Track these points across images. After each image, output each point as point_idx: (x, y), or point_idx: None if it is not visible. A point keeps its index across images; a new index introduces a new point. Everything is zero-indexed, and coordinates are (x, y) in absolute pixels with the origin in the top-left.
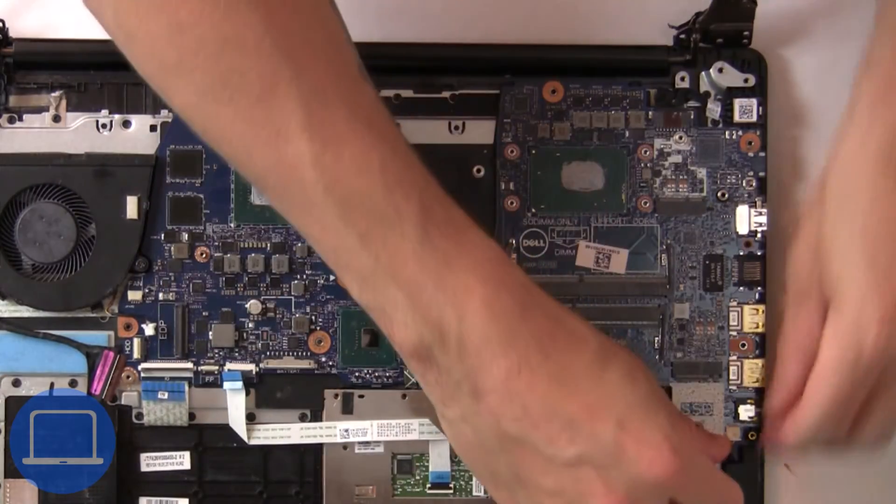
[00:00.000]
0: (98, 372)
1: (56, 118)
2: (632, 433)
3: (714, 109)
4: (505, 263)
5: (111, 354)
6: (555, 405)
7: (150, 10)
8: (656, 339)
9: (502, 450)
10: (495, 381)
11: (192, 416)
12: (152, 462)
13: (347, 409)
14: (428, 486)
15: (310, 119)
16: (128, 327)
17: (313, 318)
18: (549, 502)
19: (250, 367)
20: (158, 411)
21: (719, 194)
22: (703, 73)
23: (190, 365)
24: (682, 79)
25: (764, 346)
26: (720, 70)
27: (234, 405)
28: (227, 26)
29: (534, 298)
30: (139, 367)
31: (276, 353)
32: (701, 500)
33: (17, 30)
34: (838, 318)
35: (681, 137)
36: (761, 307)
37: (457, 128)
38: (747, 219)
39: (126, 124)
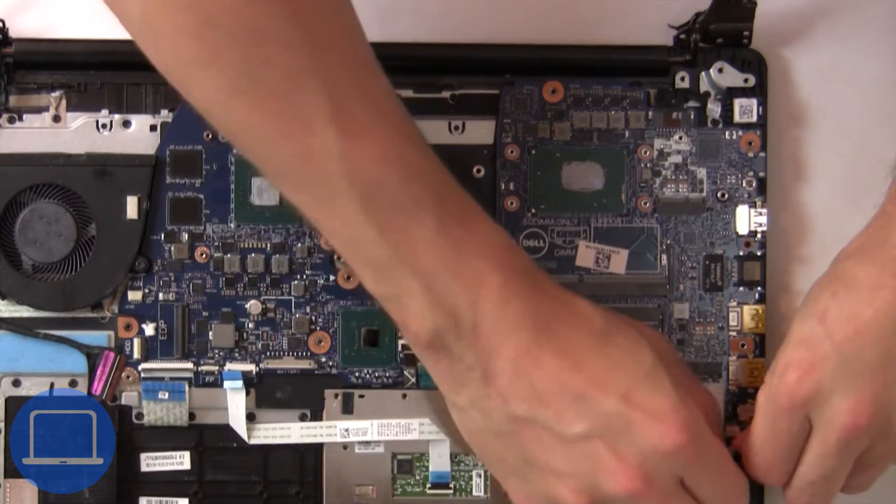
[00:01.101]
0: (98, 372)
1: (56, 118)
2: (638, 405)
3: (714, 109)
4: (513, 249)
5: (111, 354)
6: (562, 381)
7: (179, 6)
8: None
9: (512, 433)
10: (505, 363)
11: (192, 416)
12: (152, 462)
13: (347, 409)
14: (428, 486)
15: (335, 112)
16: (128, 327)
17: (313, 318)
18: (561, 484)
19: (250, 367)
20: (158, 411)
21: (719, 194)
22: (703, 73)
23: (190, 365)
24: (682, 79)
25: (764, 346)
26: (720, 70)
27: (235, 404)
28: (256, 19)
29: (540, 282)
30: (139, 367)
31: (276, 354)
32: (709, 479)
33: (17, 30)
34: (773, 362)
35: (681, 137)
36: (761, 307)
37: (457, 128)
38: (747, 219)
39: (126, 124)
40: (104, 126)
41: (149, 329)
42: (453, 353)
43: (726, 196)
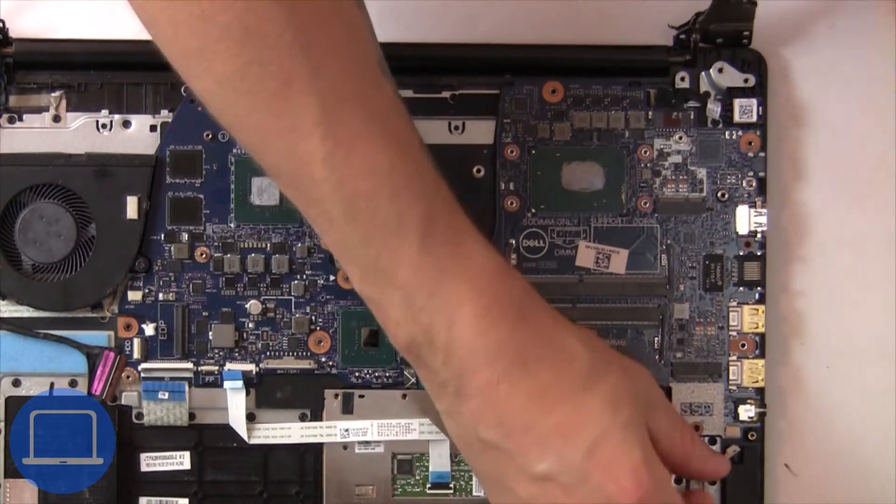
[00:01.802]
0: (98, 372)
1: (56, 118)
2: (600, 461)
3: (714, 109)
4: (503, 277)
5: (111, 354)
6: (529, 420)
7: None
8: (656, 339)
9: (481, 450)
10: (476, 389)
11: (192, 416)
12: (152, 462)
13: (347, 409)
14: (428, 486)
15: (324, 117)
16: (128, 327)
17: (313, 318)
18: None
19: (250, 367)
20: (158, 411)
21: (719, 194)
22: (703, 73)
23: (190, 365)
24: (682, 79)
25: (764, 346)
26: (720, 70)
27: (235, 404)
28: (249, 17)
29: (527, 314)
30: (139, 367)
31: (276, 354)
32: None
33: (17, 30)
34: None
35: (681, 137)
36: (761, 307)
37: (457, 128)
38: (747, 219)
39: (126, 124)
40: (104, 126)
41: (149, 329)
42: (428, 366)
43: (726, 196)
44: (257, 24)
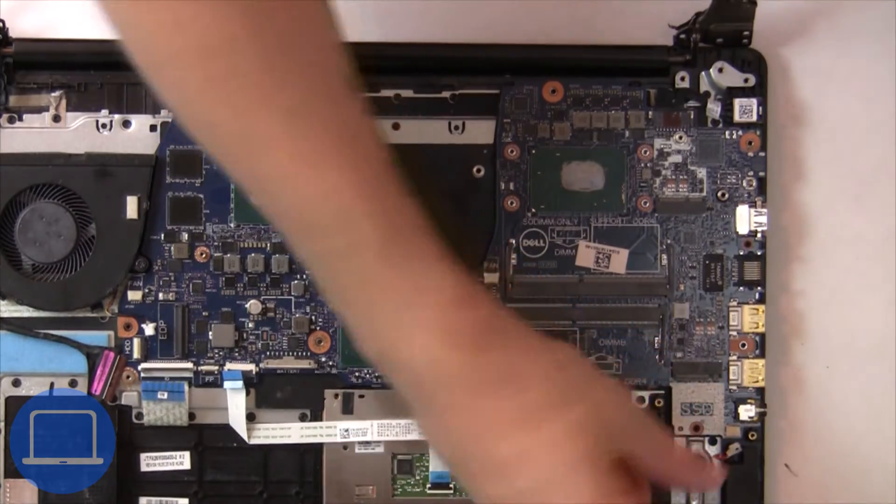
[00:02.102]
0: (98, 372)
1: (56, 118)
2: (548, 494)
3: (714, 109)
4: (464, 304)
5: (111, 354)
6: (482, 448)
7: (141, 6)
8: (656, 339)
9: (448, 464)
10: (434, 411)
11: (192, 416)
12: (152, 462)
13: (347, 409)
14: (428, 486)
15: (286, 135)
16: (128, 327)
17: (313, 318)
18: None
19: (250, 367)
20: (158, 411)
21: (719, 194)
22: (703, 73)
23: (190, 365)
24: (682, 79)
25: (764, 346)
26: (720, 70)
27: (235, 404)
28: (216, 30)
29: (488, 342)
30: (139, 367)
31: (276, 353)
32: None
33: (17, 30)
34: None
35: (681, 137)
36: (761, 307)
37: (457, 128)
38: (747, 219)
39: (126, 124)
40: (104, 126)
41: (149, 329)
42: (394, 380)
43: (726, 196)
44: (224, 38)
